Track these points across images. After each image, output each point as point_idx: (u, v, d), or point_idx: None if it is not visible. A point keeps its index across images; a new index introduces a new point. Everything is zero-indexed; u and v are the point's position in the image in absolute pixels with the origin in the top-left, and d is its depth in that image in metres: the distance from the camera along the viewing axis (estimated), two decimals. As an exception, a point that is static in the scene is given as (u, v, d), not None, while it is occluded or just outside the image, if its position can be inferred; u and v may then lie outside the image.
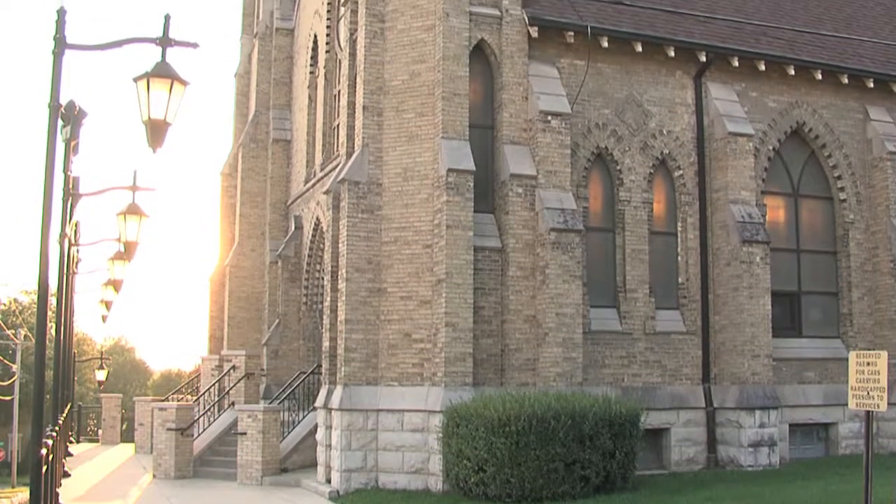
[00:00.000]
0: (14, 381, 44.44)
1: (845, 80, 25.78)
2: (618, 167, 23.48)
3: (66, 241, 19.78)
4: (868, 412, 13.54)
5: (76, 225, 23.48)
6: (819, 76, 25.41)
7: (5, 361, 48.89)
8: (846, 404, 14.19)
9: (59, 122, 12.79)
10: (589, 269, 22.87)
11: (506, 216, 21.73)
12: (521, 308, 21.56)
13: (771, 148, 25.18)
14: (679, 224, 24.12)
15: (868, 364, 13.47)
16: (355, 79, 23.15)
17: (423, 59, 21.96)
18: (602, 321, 22.88)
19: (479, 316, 21.21)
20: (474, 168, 21.10)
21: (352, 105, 23.18)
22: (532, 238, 21.69)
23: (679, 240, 24.11)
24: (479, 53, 22.32)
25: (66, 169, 17.52)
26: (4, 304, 64.31)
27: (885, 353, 13.39)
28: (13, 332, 49.29)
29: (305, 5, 32.84)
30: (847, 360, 13.74)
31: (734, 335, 23.22)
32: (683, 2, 25.52)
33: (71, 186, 19.00)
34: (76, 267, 28.81)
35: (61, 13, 12.16)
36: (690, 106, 24.30)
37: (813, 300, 25.89)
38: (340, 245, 22.15)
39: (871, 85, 26.06)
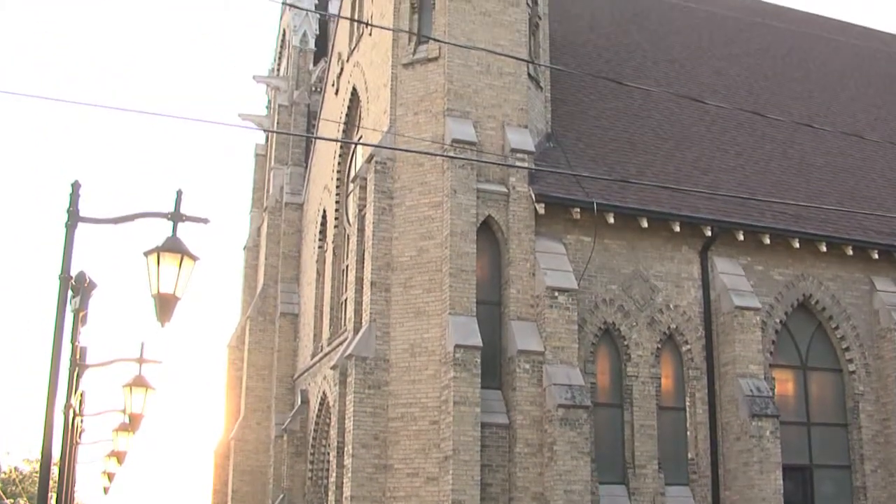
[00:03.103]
0: (13, 555, 43.71)
1: (850, 252, 25.91)
2: (625, 342, 23.45)
3: (71, 411, 19.65)
4: None
5: (81, 395, 23.40)
6: (824, 248, 25.56)
7: (4, 533, 48.18)
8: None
9: (69, 293, 12.82)
10: (597, 445, 22.61)
11: (513, 392, 21.61)
12: (529, 485, 21.25)
13: (778, 321, 25.17)
14: (687, 399, 23.95)
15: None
16: (363, 254, 23.34)
17: (431, 236, 22.17)
18: (611, 498, 22.51)
19: (487, 493, 20.90)
20: (481, 344, 21.10)
21: (360, 280, 23.32)
22: (540, 414, 21.53)
23: (688, 414, 23.91)
24: (487, 230, 22.52)
25: (73, 339, 17.49)
26: (5, 473, 63.70)
27: (901, 533, 13.17)
28: (12, 501, 48.73)
29: (315, 180, 33.34)
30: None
31: (746, 512, 22.85)
32: (687, 178, 25.84)
33: (78, 357, 18.98)
34: (80, 437, 28.57)
35: (75, 187, 12.28)
36: (697, 280, 24.40)
37: (825, 474, 25.51)
38: (347, 421, 22.01)
39: (876, 256, 26.19)
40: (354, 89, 28.41)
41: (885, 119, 34.27)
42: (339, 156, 30.08)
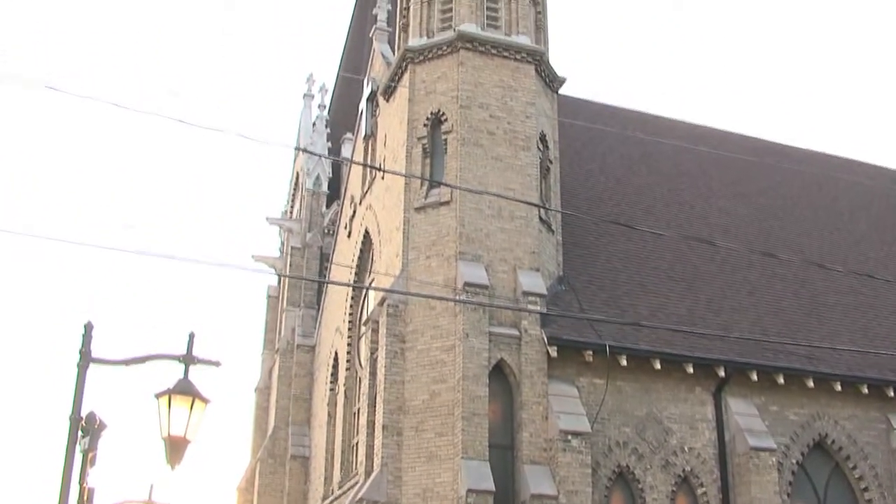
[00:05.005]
0: None
1: (865, 391, 25.75)
2: (640, 486, 23.16)
3: (79, 552, 19.41)
4: None
5: (89, 537, 23.12)
6: (839, 387, 25.42)
7: None
8: None
9: (79, 434, 12.79)
10: (614, 591, 22.24)
11: (527, 537, 21.32)
12: None
13: (794, 461, 24.88)
14: (705, 543, 23.59)
15: None
16: (375, 398, 23.26)
17: (443, 379, 22.11)
18: None
19: None
20: (494, 489, 20.86)
21: (371, 424, 23.21)
22: (555, 560, 21.20)
23: (705, 560, 23.52)
24: (499, 373, 22.46)
25: (81, 480, 17.38)
26: None
27: None
28: None
29: (327, 323, 33.39)
30: None
31: None
32: (700, 319, 25.82)
33: (86, 498, 18.81)
34: (86, 582, 28.10)
35: (88, 328, 12.34)
36: (711, 421, 24.21)
37: None
38: (359, 567, 21.71)
39: (892, 394, 26.02)
40: (367, 232, 28.64)
41: (895, 256, 34.33)
42: (352, 298, 30.18)
